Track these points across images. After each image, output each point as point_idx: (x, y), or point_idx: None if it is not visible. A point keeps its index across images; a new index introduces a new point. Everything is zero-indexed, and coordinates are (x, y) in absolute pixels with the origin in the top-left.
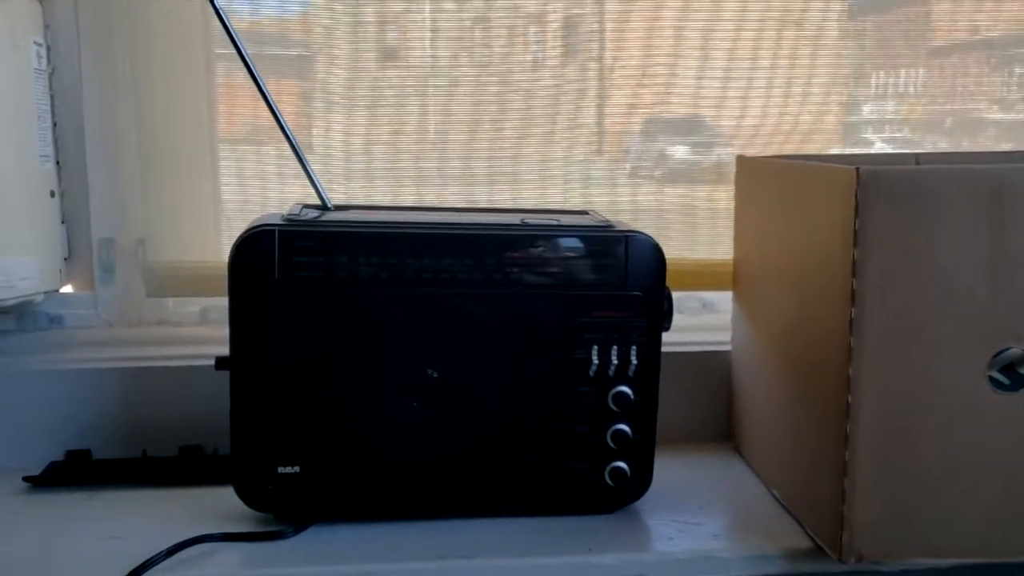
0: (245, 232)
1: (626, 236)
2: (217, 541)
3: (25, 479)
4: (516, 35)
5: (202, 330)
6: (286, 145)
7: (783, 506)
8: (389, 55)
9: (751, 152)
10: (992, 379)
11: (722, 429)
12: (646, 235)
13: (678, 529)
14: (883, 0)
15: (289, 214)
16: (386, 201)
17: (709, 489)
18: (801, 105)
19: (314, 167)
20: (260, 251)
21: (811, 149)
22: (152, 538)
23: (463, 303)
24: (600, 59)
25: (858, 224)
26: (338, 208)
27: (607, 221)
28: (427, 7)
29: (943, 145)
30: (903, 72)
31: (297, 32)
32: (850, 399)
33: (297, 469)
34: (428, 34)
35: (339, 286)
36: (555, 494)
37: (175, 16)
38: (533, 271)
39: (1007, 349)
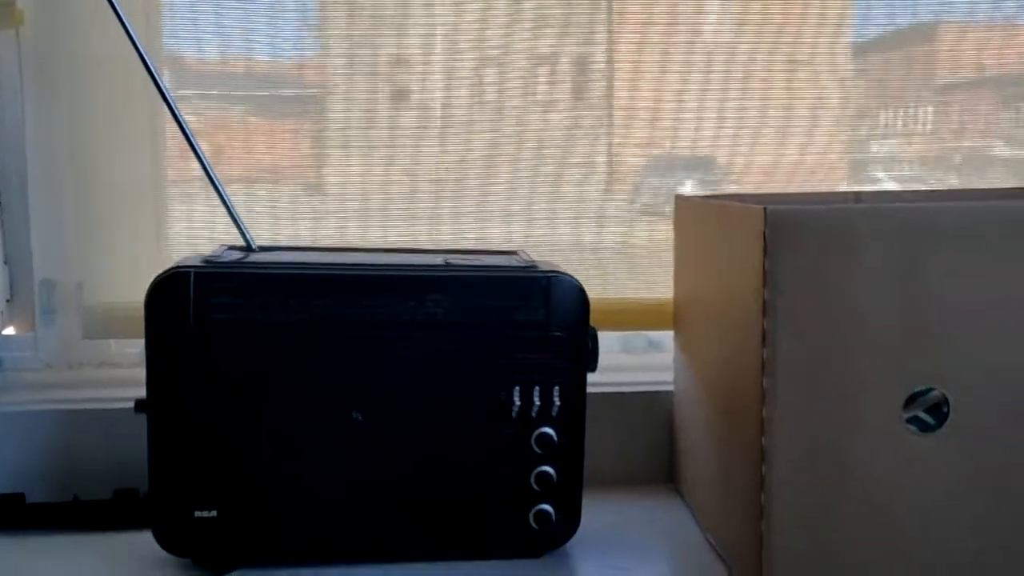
0: (161, 274)
1: (548, 277)
2: None
3: None
4: (525, 76)
5: (142, 372)
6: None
7: (715, 550)
8: (401, 96)
9: (760, 188)
10: (918, 419)
11: (665, 471)
12: (569, 276)
13: (606, 574)
14: (889, 39)
15: (210, 255)
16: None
17: (646, 533)
18: (808, 143)
19: (328, 207)
20: (176, 293)
21: (818, 187)
22: None
23: (385, 345)
24: (609, 98)
25: (767, 264)
26: (263, 249)
27: (532, 262)
28: (438, 47)
29: (953, 182)
30: (910, 110)
31: (310, 73)
32: (764, 441)
33: (214, 513)
34: (439, 75)
35: (258, 329)
36: (480, 538)
37: (117, 58)
38: (455, 312)
39: (930, 391)
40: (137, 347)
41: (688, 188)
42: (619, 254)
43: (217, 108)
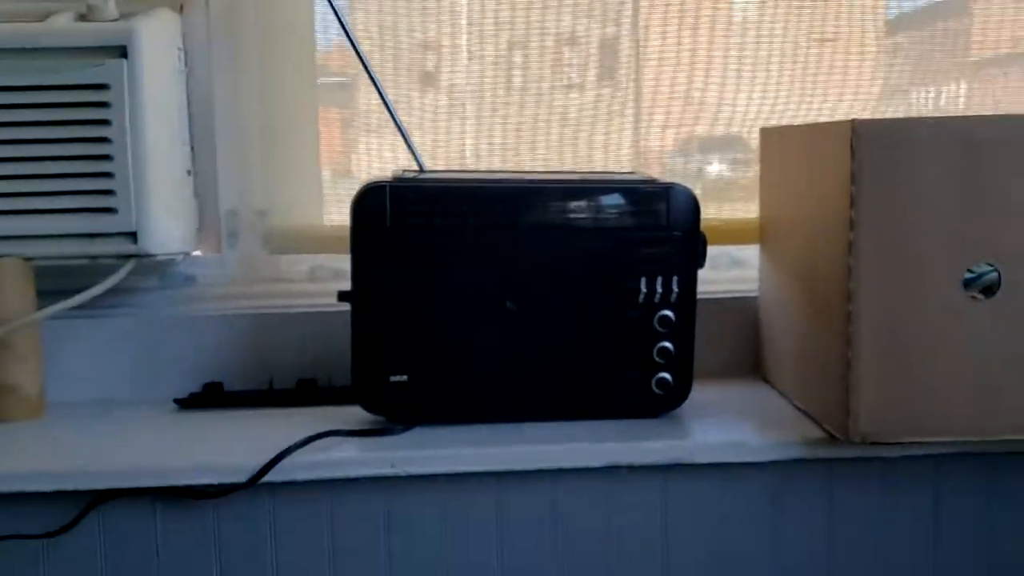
0: (362, 188)
1: (668, 188)
2: (343, 436)
3: (175, 401)
4: (553, 58)
5: (311, 286)
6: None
7: (802, 411)
8: (427, 80)
9: None
10: (975, 299)
11: (752, 364)
12: (684, 187)
13: (714, 427)
14: (921, 15)
15: (394, 175)
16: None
17: (741, 404)
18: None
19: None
20: (375, 203)
21: None
22: (287, 438)
23: (534, 245)
24: (637, 78)
25: (854, 166)
26: (431, 171)
27: (651, 177)
28: (464, 32)
29: None
30: (943, 87)
31: (338, 59)
32: (850, 307)
33: (405, 378)
34: (465, 58)
35: (437, 231)
36: (612, 401)
37: (289, 24)
38: (592, 218)
39: (986, 273)
40: (306, 263)
41: (716, 168)
42: None
43: None
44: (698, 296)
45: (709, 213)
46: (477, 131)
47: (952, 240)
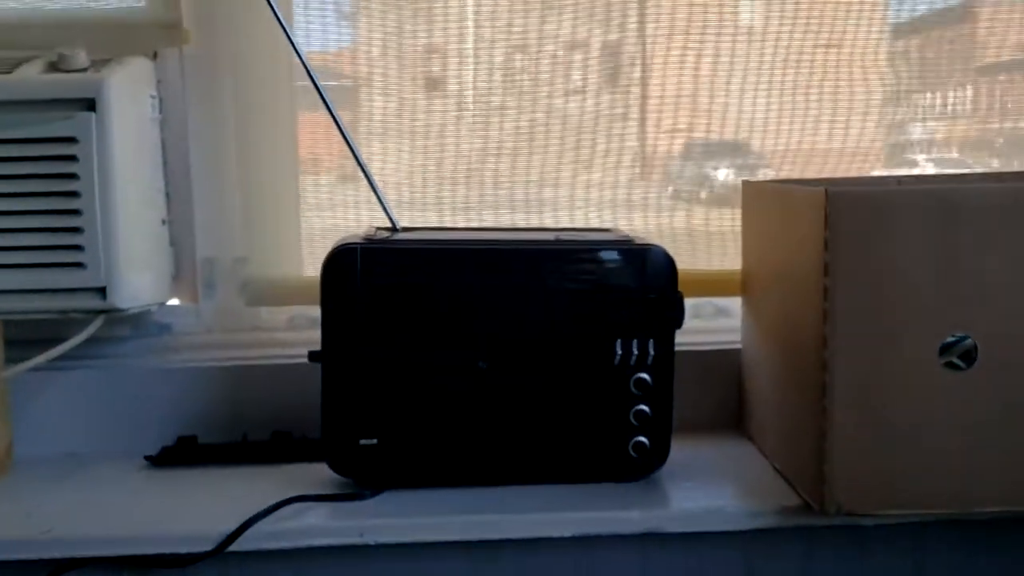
0: (333, 249)
1: (644, 249)
2: (311, 501)
3: (146, 458)
4: (557, 62)
5: (290, 335)
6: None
7: (780, 474)
8: (432, 84)
9: (791, 175)
10: (952, 364)
11: (734, 418)
12: (661, 247)
13: (691, 493)
14: (927, 20)
15: (366, 235)
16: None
17: (720, 465)
18: (844, 127)
19: (358, 195)
20: (346, 265)
21: (854, 171)
22: (257, 500)
23: (507, 306)
24: (642, 83)
25: (827, 234)
26: (404, 229)
27: (628, 236)
28: (470, 35)
29: (994, 164)
30: (950, 92)
31: (343, 64)
32: (825, 378)
33: (375, 441)
34: (471, 62)
35: (408, 293)
36: (587, 465)
37: (268, 70)
38: (567, 279)
39: (962, 340)
40: (285, 313)
41: (722, 174)
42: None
43: None
44: (682, 347)
45: (714, 218)
46: (477, 135)
47: (928, 310)
